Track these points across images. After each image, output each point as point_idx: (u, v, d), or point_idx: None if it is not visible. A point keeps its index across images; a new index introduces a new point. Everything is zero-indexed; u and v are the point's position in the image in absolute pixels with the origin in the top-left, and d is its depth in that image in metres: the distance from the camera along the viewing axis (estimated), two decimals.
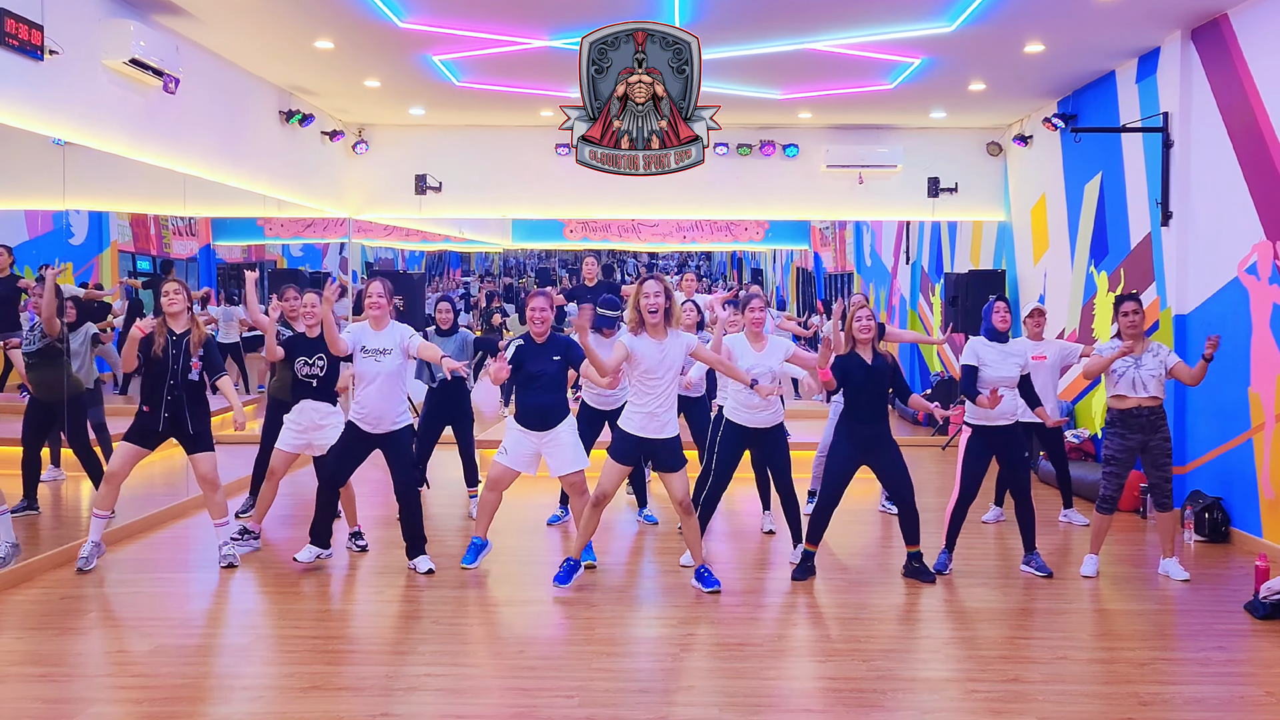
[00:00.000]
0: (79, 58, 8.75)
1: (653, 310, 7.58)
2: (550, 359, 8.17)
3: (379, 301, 8.17)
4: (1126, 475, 8.28)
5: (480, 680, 6.09)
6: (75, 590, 7.76)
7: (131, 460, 8.26)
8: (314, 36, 10.70)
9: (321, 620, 7.21)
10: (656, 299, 7.57)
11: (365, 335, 8.17)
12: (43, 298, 8.81)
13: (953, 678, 6.19)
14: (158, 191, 10.57)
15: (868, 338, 8.04)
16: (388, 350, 8.13)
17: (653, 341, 7.62)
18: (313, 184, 14.02)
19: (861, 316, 8.06)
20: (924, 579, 8.12)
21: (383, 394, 8.13)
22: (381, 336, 8.16)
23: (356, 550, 8.91)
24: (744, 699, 5.82)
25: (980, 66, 11.76)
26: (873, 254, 21.06)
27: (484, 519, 8.45)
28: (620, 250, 28.46)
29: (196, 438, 8.33)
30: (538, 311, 8.17)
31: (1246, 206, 9.33)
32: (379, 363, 8.10)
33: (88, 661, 6.39)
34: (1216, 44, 9.84)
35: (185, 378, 8.20)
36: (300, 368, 8.81)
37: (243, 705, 5.70)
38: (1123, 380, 8.16)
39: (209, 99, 11.09)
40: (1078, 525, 10.10)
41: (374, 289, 8.20)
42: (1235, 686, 6.12)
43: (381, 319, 8.20)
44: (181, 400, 8.21)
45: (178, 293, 8.29)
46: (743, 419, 8.50)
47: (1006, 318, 8.41)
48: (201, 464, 8.36)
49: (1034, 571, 8.34)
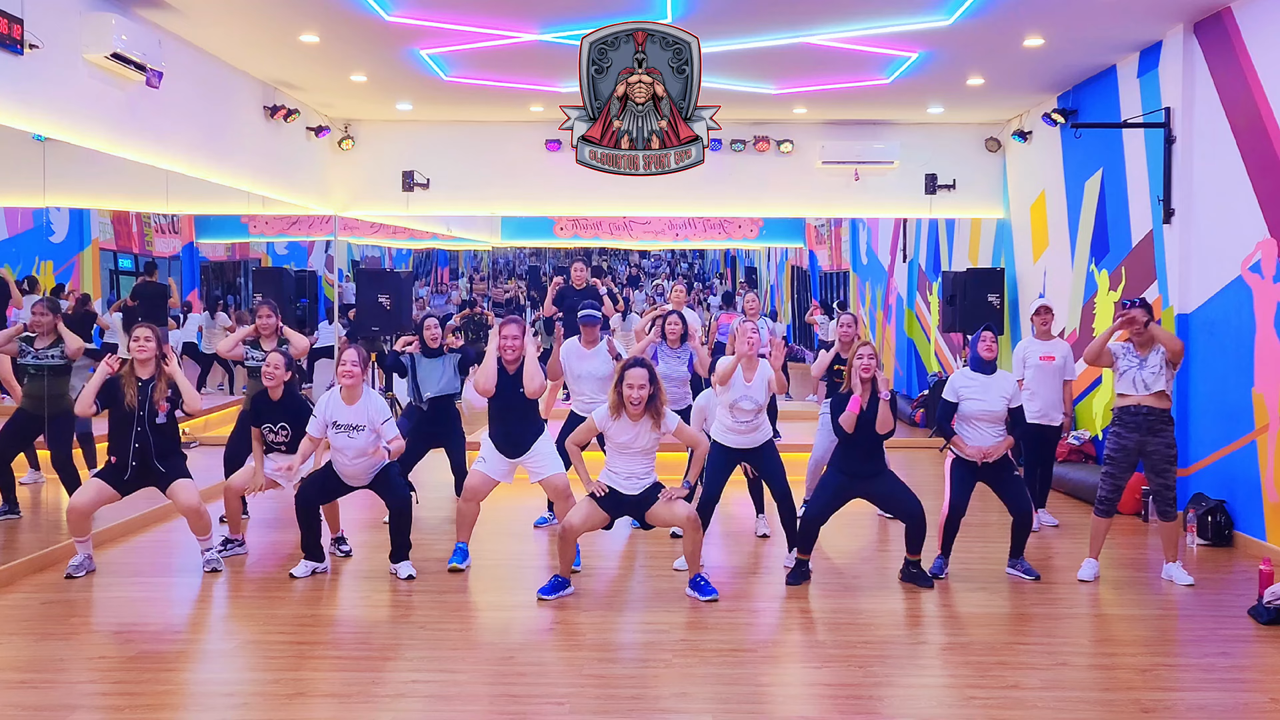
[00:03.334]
0: (59, 52, 8.64)
1: (634, 402, 7.42)
2: (518, 389, 8.10)
3: (352, 370, 7.93)
4: (1125, 477, 8.18)
5: (468, 686, 6.02)
6: (56, 595, 7.66)
7: (97, 499, 7.97)
8: (299, 30, 10.57)
9: (306, 625, 7.11)
10: (640, 390, 7.42)
11: (336, 409, 7.96)
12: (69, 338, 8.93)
13: (950, 684, 6.11)
14: (140, 188, 10.48)
15: (867, 379, 7.88)
16: (360, 427, 7.93)
17: (628, 423, 7.53)
18: (298, 180, 13.90)
19: (863, 355, 7.93)
20: (921, 584, 8.03)
21: (356, 463, 8.03)
22: (354, 411, 7.93)
23: (340, 556, 8.78)
24: (737, 705, 5.76)
25: (978, 61, 11.66)
26: (869, 252, 20.99)
27: (464, 529, 8.39)
28: (611, 249, 28.45)
29: (169, 474, 8.11)
30: (510, 339, 8.09)
31: (1250, 203, 9.21)
32: (352, 439, 7.94)
33: (69, 667, 6.31)
34: (1219, 38, 9.72)
35: (153, 422, 7.98)
36: (266, 434, 8.58)
37: (226, 712, 5.64)
38: (1124, 378, 8.09)
39: (192, 94, 10.97)
40: (1046, 525, 10.06)
41: (348, 357, 7.99)
42: (1239, 693, 6.04)
43: (354, 389, 7.97)
44: (148, 446, 7.96)
45: (148, 340, 7.96)
46: (730, 441, 8.48)
47: (993, 348, 8.28)
48: (181, 494, 8.12)
49: (1020, 575, 8.26)
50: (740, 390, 8.31)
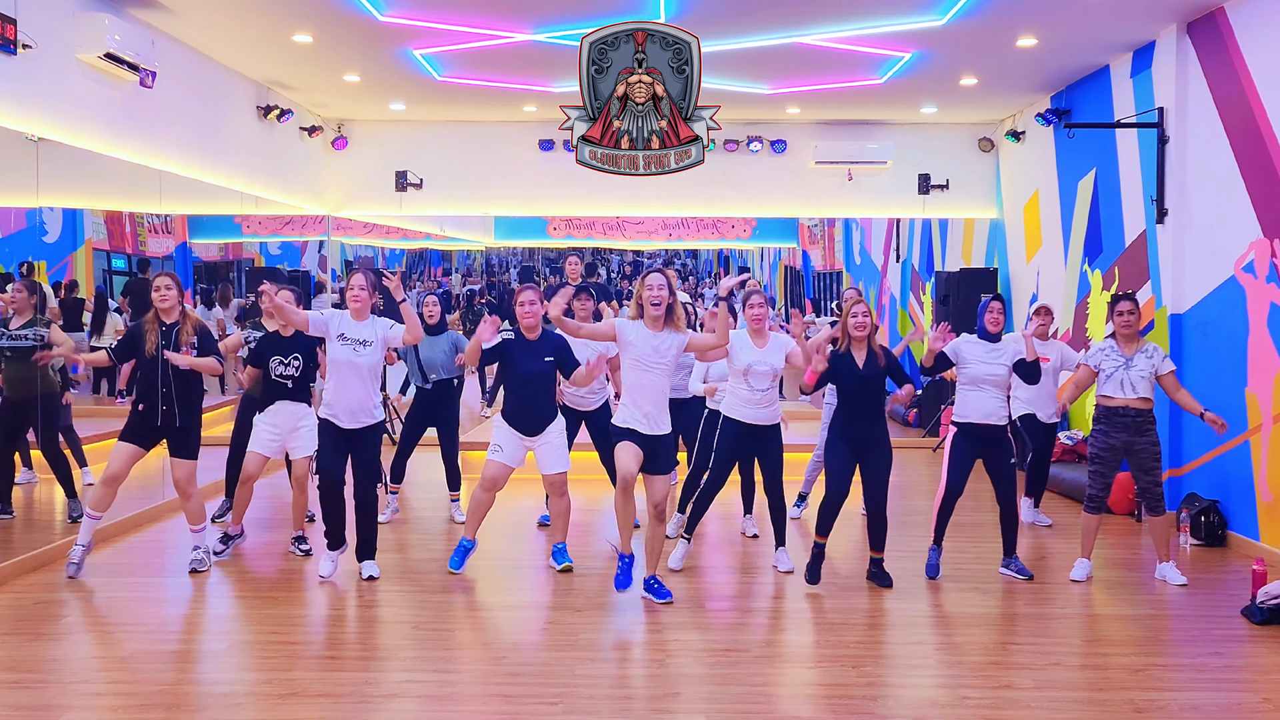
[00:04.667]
0: (53, 52, 8.62)
1: (655, 302, 7.24)
2: (542, 359, 7.97)
3: (360, 295, 7.84)
4: (1112, 474, 8.19)
5: (462, 687, 6.01)
6: (50, 595, 7.64)
7: (130, 460, 8.02)
8: (292, 30, 10.55)
9: (300, 625, 7.10)
10: (660, 292, 7.24)
11: (345, 323, 7.84)
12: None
13: (943, 684, 6.10)
14: (133, 188, 10.45)
15: (862, 335, 7.82)
16: (368, 342, 7.79)
17: (648, 331, 7.31)
18: (291, 180, 13.88)
19: (857, 313, 7.82)
20: (882, 583, 8.00)
21: (357, 388, 7.80)
22: (362, 328, 7.83)
23: (299, 555, 8.71)
24: (731, 705, 5.74)
25: (972, 61, 11.66)
26: (862, 252, 20.99)
27: (475, 520, 8.19)
28: (604, 248, 28.43)
29: (183, 435, 8.09)
30: (527, 305, 7.97)
31: (1243, 203, 9.22)
32: (357, 354, 7.75)
33: (62, 667, 6.29)
34: (1213, 38, 9.73)
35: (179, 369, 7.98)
36: (275, 367, 8.54)
37: (220, 712, 5.61)
38: (1110, 381, 8.08)
39: (185, 94, 10.95)
40: (1040, 525, 10.10)
41: (356, 280, 7.90)
42: (1232, 693, 6.03)
43: (363, 311, 7.87)
44: (172, 393, 7.97)
45: (169, 288, 8.04)
46: (743, 415, 8.14)
47: (999, 319, 8.21)
48: (178, 469, 8.14)
49: (1014, 575, 8.25)
50: (753, 355, 8.05)
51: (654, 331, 7.32)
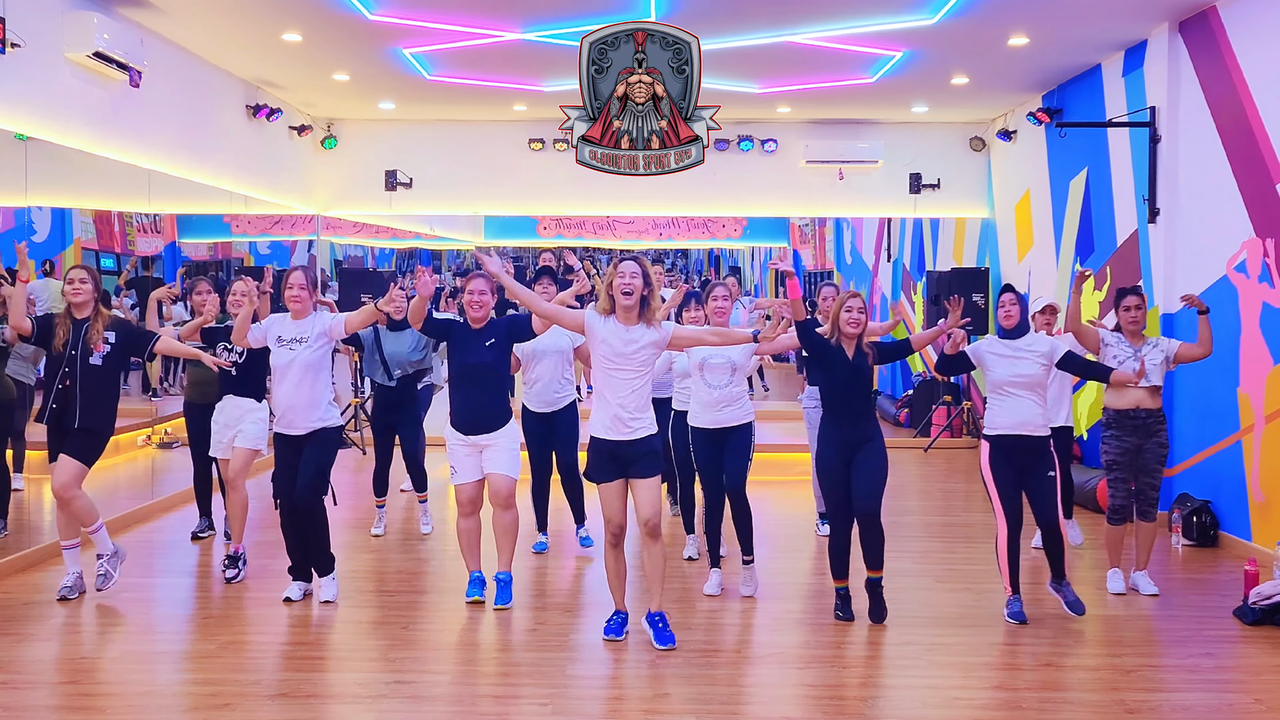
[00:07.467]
0: (41, 51, 8.59)
1: (626, 291, 6.45)
2: (484, 346, 7.33)
3: (300, 295, 7.39)
4: (1131, 480, 7.82)
5: (451, 688, 6.01)
6: (36, 596, 7.61)
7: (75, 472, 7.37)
8: (281, 29, 10.53)
9: (289, 626, 7.08)
10: (633, 280, 6.45)
11: (281, 325, 7.45)
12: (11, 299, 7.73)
13: (935, 685, 6.08)
14: (122, 187, 10.42)
15: (854, 332, 7.07)
16: (303, 339, 7.36)
17: (620, 325, 6.55)
18: (280, 180, 13.85)
19: (852, 307, 7.06)
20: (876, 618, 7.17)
21: (296, 389, 7.30)
22: (299, 325, 7.40)
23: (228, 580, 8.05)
24: (720, 706, 5.75)
25: (963, 60, 11.67)
26: (853, 251, 20.97)
27: (468, 553, 7.59)
28: (594, 248, 28.41)
29: (82, 437, 7.37)
30: (476, 294, 7.38)
31: (1235, 203, 9.21)
32: (292, 352, 7.28)
33: (50, 668, 6.29)
34: (1205, 37, 9.73)
35: (85, 363, 7.33)
36: (220, 352, 8.24)
37: (208, 713, 5.61)
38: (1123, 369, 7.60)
39: (174, 93, 10.92)
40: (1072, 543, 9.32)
41: (294, 279, 7.43)
42: (1224, 693, 6.03)
43: (302, 311, 7.43)
44: (74, 391, 7.31)
45: (84, 282, 7.41)
46: (704, 421, 7.68)
47: (1011, 313, 7.35)
48: (63, 470, 7.31)
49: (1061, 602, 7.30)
50: (709, 349, 7.50)
51: (626, 326, 6.56)
